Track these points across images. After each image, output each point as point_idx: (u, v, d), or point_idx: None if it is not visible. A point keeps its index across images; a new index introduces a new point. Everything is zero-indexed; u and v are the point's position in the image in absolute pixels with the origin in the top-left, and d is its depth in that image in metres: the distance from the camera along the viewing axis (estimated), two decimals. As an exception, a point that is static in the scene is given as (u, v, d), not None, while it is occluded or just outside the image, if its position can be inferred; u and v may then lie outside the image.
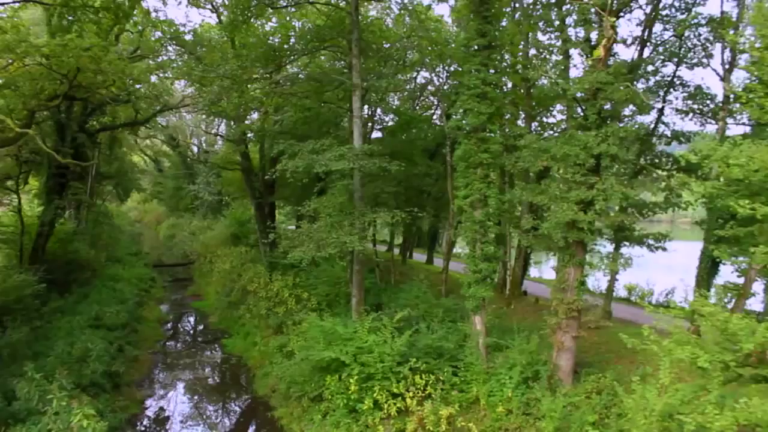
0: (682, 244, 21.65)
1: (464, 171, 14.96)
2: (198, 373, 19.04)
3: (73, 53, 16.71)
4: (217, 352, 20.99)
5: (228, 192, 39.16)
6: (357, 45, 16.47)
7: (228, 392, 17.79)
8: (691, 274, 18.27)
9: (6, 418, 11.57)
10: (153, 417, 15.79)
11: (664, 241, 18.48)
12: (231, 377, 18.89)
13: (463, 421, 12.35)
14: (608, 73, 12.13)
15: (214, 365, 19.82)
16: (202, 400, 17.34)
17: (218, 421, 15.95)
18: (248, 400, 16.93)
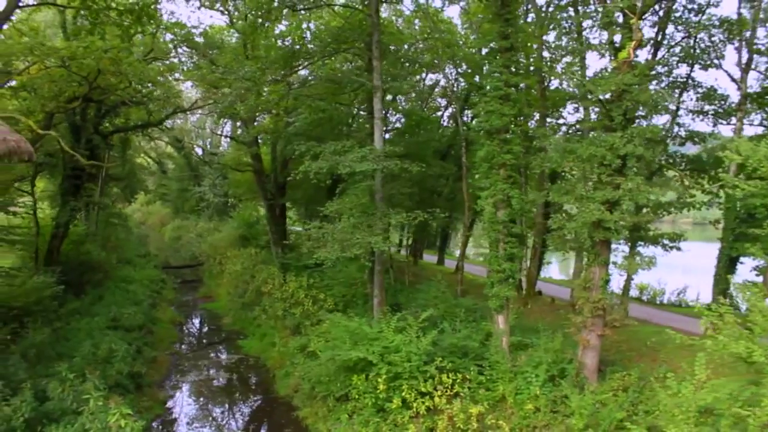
0: (685, 244, 21.88)
1: (487, 171, 15.12)
2: (217, 374, 19.10)
3: (95, 55, 16.79)
4: (233, 353, 21.05)
5: (236, 194, 39.21)
6: (377, 47, 16.62)
7: (249, 393, 17.88)
8: (698, 273, 18.50)
9: (40, 419, 11.61)
10: (177, 417, 15.85)
11: (678, 241, 18.68)
12: (250, 378, 18.97)
13: (492, 419, 12.47)
14: (634, 75, 12.32)
15: (232, 366, 19.88)
16: (224, 401, 17.42)
17: (242, 420, 16.02)
18: (270, 401, 17.00)
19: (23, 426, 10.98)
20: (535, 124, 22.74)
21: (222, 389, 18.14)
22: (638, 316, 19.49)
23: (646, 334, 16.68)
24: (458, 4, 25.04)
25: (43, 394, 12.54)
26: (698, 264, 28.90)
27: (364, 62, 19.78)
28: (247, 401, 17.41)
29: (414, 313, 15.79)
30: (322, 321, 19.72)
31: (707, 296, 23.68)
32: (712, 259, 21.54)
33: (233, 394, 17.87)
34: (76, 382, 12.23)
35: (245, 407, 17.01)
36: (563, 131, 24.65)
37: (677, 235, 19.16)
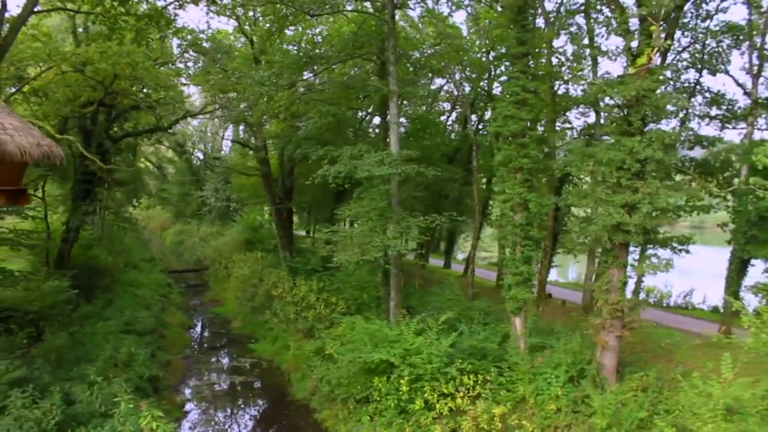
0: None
1: (504, 175, 15.36)
2: (231, 378, 19.15)
3: (113, 60, 16.90)
4: (246, 357, 21.10)
5: (240, 198, 39.27)
6: (394, 52, 16.82)
7: (266, 395, 17.95)
8: (699, 275, 18.76)
9: (68, 421, 11.66)
10: (197, 420, 15.91)
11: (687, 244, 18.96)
12: (265, 381, 19.03)
13: (515, 419, 12.64)
14: (653, 81, 12.59)
15: (245, 370, 19.94)
16: (242, 403, 17.50)
17: (262, 423, 16.09)
18: (288, 403, 17.08)
19: (54, 429, 11.04)
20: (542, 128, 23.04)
21: (238, 392, 18.20)
22: (648, 319, 19.72)
23: (658, 336, 16.92)
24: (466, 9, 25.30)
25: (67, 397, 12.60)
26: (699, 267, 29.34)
27: (376, 67, 19.99)
28: (264, 404, 17.49)
29: (431, 315, 15.98)
30: (335, 324, 19.88)
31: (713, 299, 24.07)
32: (712, 263, 21.82)
33: (250, 397, 17.95)
34: (104, 385, 12.28)
35: (263, 410, 17.09)
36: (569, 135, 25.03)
37: (686, 238, 19.36)
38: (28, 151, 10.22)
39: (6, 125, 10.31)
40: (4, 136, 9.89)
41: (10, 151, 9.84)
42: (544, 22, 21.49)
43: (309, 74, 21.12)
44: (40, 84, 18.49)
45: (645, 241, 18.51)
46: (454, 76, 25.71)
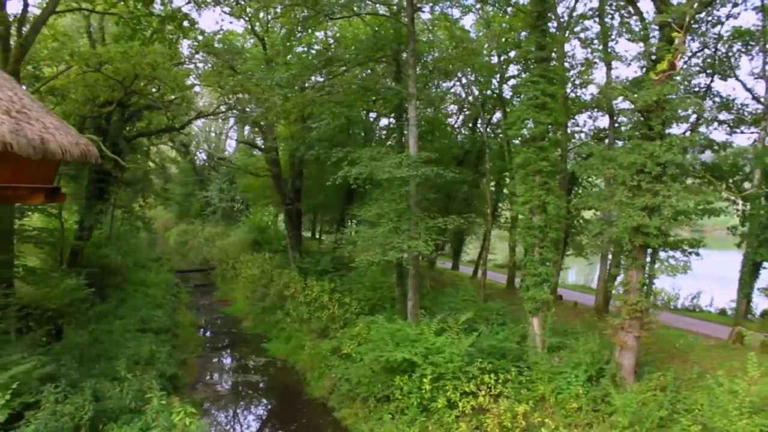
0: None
1: (523, 178, 15.63)
2: (247, 377, 19.29)
3: (135, 60, 17.07)
4: (260, 356, 21.24)
5: (246, 198, 39.39)
6: (413, 55, 17.05)
7: (283, 394, 18.10)
8: (703, 279, 18.99)
9: (99, 417, 11.79)
10: (216, 418, 16.05)
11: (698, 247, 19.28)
12: (281, 380, 19.18)
13: (538, 417, 12.86)
14: (674, 86, 12.88)
15: (260, 369, 20.09)
16: (259, 402, 17.66)
17: (280, 421, 16.24)
18: (305, 402, 17.24)
19: (87, 424, 11.17)
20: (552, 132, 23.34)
21: (255, 391, 18.35)
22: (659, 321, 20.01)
23: (672, 337, 17.22)
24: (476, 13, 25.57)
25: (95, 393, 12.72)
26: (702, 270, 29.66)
27: (391, 69, 20.22)
28: (281, 402, 17.64)
29: (450, 315, 16.20)
30: (350, 324, 20.08)
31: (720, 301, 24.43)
32: (714, 266, 22.06)
33: (267, 396, 18.10)
34: (133, 382, 12.43)
35: (281, 408, 17.23)
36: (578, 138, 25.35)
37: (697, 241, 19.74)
38: (68, 149, 10.39)
39: (47, 124, 10.50)
40: (47, 134, 10.06)
41: (53, 149, 10.02)
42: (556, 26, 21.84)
43: (319, 76, 21.39)
44: (60, 84, 18.60)
45: (658, 243, 18.96)
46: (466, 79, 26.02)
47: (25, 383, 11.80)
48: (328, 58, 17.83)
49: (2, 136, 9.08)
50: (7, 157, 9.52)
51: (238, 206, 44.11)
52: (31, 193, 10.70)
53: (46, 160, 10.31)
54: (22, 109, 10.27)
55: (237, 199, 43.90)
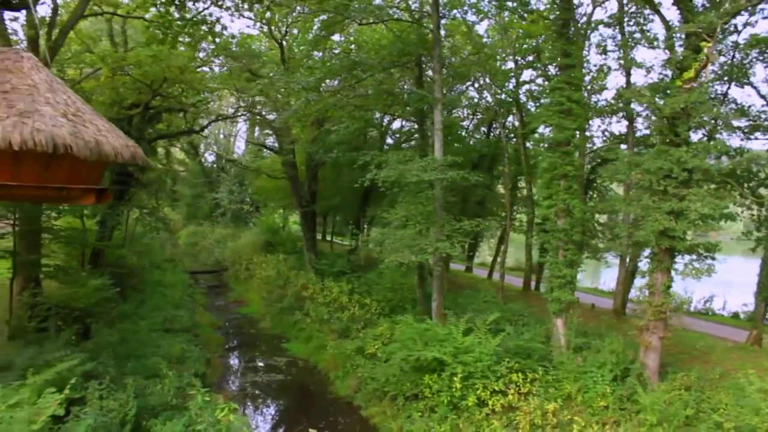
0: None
1: (548, 182, 15.97)
2: (271, 376, 19.56)
3: (165, 63, 17.39)
4: (281, 356, 21.51)
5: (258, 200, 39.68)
6: (438, 61, 17.42)
7: (308, 393, 18.37)
8: (710, 282, 19.24)
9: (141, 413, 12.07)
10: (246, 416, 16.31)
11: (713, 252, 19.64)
12: (304, 379, 19.46)
13: (567, 415, 13.17)
14: (701, 93, 13.25)
15: (282, 368, 20.35)
16: (285, 400, 17.92)
17: (307, 419, 16.48)
18: (330, 401, 17.53)
19: (133, 419, 11.45)
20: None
21: (280, 389, 18.61)
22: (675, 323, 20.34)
23: (691, 339, 17.57)
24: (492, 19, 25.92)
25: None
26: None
27: (414, 74, 20.57)
28: (307, 401, 17.91)
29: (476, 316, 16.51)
30: (372, 324, 20.38)
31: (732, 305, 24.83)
32: (721, 271, 22.34)
33: (292, 394, 18.37)
34: (174, 379, 12.71)
35: (307, 406, 17.49)
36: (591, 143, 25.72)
37: (712, 245, 20.15)
38: (120, 152, 10.68)
39: (99, 127, 10.80)
40: (100, 137, 10.37)
41: (106, 151, 10.31)
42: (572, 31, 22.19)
43: (334, 80, 21.71)
44: (90, 86, 18.91)
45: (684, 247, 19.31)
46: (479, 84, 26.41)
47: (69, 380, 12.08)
48: (354, 63, 18.18)
49: (63, 139, 9.38)
50: (62, 159, 9.84)
51: (248, 208, 44.41)
52: (83, 194, 11.00)
53: (95, 162, 10.62)
54: (77, 112, 10.56)
55: (246, 201, 44.17)
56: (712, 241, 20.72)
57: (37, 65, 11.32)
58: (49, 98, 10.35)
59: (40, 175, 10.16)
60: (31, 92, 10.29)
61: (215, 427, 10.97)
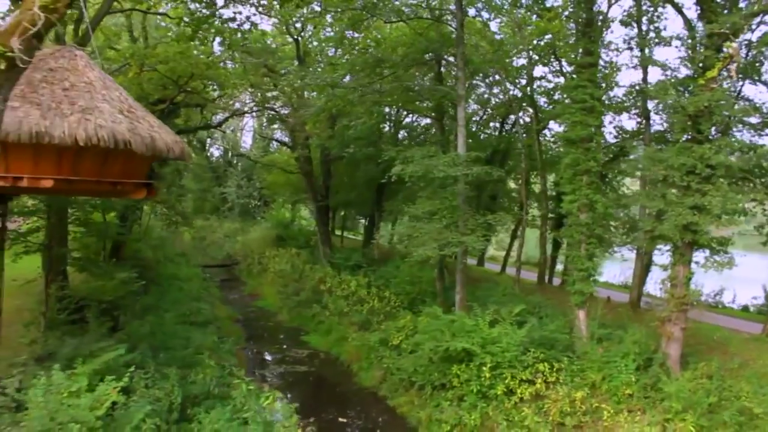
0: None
1: (571, 178, 16.37)
2: (294, 367, 19.95)
3: (194, 60, 17.65)
4: (301, 348, 21.92)
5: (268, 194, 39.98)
6: (462, 59, 17.76)
7: (333, 384, 18.79)
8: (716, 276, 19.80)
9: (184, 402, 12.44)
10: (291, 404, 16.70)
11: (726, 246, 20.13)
12: (327, 371, 19.87)
13: (595, 403, 13.63)
14: (724, 92, 13.68)
15: (305, 360, 20.76)
16: (311, 391, 18.33)
17: (335, 410, 16.89)
18: (356, 392, 17.97)
19: (178, 407, 11.82)
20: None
21: (304, 380, 19.02)
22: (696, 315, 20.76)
23: (706, 331, 18.04)
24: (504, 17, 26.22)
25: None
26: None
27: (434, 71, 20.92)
28: (332, 391, 18.32)
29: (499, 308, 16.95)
30: (391, 317, 20.78)
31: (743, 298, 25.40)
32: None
33: (317, 385, 18.77)
34: (215, 369, 13.08)
35: (333, 396, 17.91)
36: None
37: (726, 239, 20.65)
38: (171, 147, 11.05)
39: (152, 123, 11.14)
40: (154, 133, 10.72)
41: (159, 147, 10.68)
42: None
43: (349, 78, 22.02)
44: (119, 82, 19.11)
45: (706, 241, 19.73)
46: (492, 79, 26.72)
47: (114, 369, 12.43)
48: (378, 60, 18.50)
49: (123, 135, 9.73)
50: (117, 155, 10.17)
51: (256, 203, 44.70)
52: (135, 188, 11.34)
53: (145, 157, 10.94)
54: (130, 109, 10.91)
55: (254, 196, 44.46)
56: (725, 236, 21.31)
57: (89, 63, 11.64)
58: (105, 95, 10.68)
59: (98, 169, 10.53)
60: (89, 89, 10.62)
61: (261, 415, 11.37)
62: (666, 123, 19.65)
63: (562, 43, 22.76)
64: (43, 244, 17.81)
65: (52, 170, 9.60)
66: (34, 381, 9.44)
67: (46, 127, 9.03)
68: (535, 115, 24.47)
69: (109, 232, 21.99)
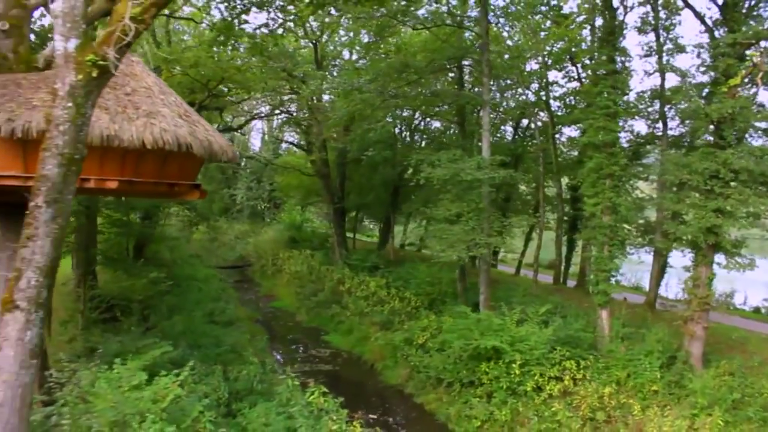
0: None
1: (594, 181, 16.87)
2: (318, 366, 20.31)
3: (225, 64, 18.08)
4: (323, 348, 22.31)
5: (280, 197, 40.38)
6: (487, 65, 18.27)
7: (358, 382, 19.19)
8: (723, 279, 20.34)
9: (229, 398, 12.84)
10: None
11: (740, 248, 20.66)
12: (352, 369, 20.28)
13: (623, 399, 14.10)
14: (747, 99, 14.21)
15: (328, 359, 21.15)
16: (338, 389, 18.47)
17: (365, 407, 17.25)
18: (382, 390, 18.38)
19: (225, 402, 12.23)
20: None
21: (330, 379, 19.24)
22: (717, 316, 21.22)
23: (724, 330, 18.55)
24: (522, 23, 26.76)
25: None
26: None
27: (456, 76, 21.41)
28: (359, 389, 18.70)
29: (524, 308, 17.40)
30: (413, 317, 21.19)
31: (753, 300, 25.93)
32: None
33: (343, 383, 19.09)
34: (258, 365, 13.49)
35: (360, 395, 18.28)
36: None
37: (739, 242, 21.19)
38: (225, 150, 11.48)
39: (207, 126, 11.58)
40: (210, 136, 11.16)
41: (215, 150, 11.11)
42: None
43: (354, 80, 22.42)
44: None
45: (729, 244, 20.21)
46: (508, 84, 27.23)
47: (160, 365, 12.82)
48: (405, 65, 18.98)
49: (185, 138, 10.16)
50: (174, 157, 10.60)
51: (265, 205, 45.07)
52: (190, 189, 11.76)
53: (197, 159, 11.37)
54: (186, 113, 11.34)
55: (264, 198, 44.85)
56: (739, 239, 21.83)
57: (145, 68, 12.08)
58: (164, 100, 11.13)
59: (158, 171, 10.97)
60: (149, 94, 11.06)
61: (308, 409, 11.77)
62: (683, 128, 20.25)
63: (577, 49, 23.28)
64: (76, 244, 18.21)
65: (116, 172, 10.02)
66: (99, 375, 9.84)
67: (115, 130, 9.44)
68: (551, 119, 24.98)
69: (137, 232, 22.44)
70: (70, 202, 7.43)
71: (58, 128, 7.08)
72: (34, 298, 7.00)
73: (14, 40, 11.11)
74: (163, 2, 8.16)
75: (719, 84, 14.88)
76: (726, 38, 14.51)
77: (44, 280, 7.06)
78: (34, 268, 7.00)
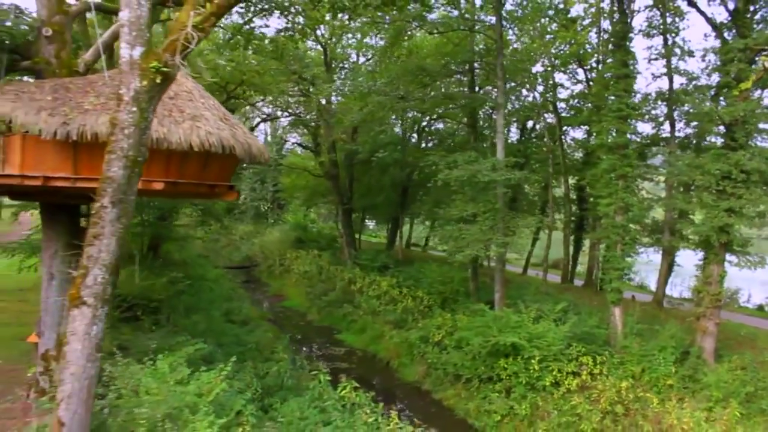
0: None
1: (608, 182, 17.33)
2: (334, 364, 20.60)
3: (245, 68, 18.41)
4: (337, 346, 22.65)
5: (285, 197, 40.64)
6: (501, 68, 18.69)
7: (376, 380, 19.52)
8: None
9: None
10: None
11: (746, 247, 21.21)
12: (368, 367, 20.61)
13: (641, 391, 14.55)
14: (758, 102, 14.72)
15: (343, 357, 21.48)
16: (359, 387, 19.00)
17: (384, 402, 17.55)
18: (399, 386, 18.73)
19: (259, 396, 12.57)
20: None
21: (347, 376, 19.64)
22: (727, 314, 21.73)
23: (732, 327, 19.08)
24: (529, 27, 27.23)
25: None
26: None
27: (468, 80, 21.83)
28: (377, 386, 19.02)
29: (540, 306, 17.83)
30: (426, 316, 21.58)
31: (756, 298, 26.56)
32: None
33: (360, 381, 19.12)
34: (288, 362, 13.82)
35: (378, 391, 18.59)
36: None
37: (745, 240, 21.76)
38: (263, 153, 11.84)
39: (245, 129, 11.95)
40: (249, 139, 11.52)
41: (254, 153, 11.48)
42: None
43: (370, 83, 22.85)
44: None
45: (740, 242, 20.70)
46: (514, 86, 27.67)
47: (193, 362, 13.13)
48: (420, 68, 19.38)
49: (228, 141, 10.54)
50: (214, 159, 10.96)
51: (269, 205, 45.34)
52: (228, 190, 12.13)
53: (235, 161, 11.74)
54: (225, 116, 11.71)
55: (268, 198, 45.12)
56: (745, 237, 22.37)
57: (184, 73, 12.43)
58: (204, 103, 11.50)
59: (200, 173, 11.33)
60: (191, 98, 11.44)
61: (341, 403, 12.13)
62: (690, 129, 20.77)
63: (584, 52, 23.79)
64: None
65: (161, 174, 10.35)
66: (146, 370, 10.15)
67: (164, 133, 9.78)
68: (558, 121, 25.46)
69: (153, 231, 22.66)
70: (133, 203, 7.76)
71: (123, 132, 7.41)
72: (101, 294, 7.33)
73: (57, 46, 11.45)
74: (223, 12, 8.54)
75: (728, 87, 15.41)
76: (737, 43, 14.99)
77: (110, 277, 7.39)
78: (101, 266, 7.31)
